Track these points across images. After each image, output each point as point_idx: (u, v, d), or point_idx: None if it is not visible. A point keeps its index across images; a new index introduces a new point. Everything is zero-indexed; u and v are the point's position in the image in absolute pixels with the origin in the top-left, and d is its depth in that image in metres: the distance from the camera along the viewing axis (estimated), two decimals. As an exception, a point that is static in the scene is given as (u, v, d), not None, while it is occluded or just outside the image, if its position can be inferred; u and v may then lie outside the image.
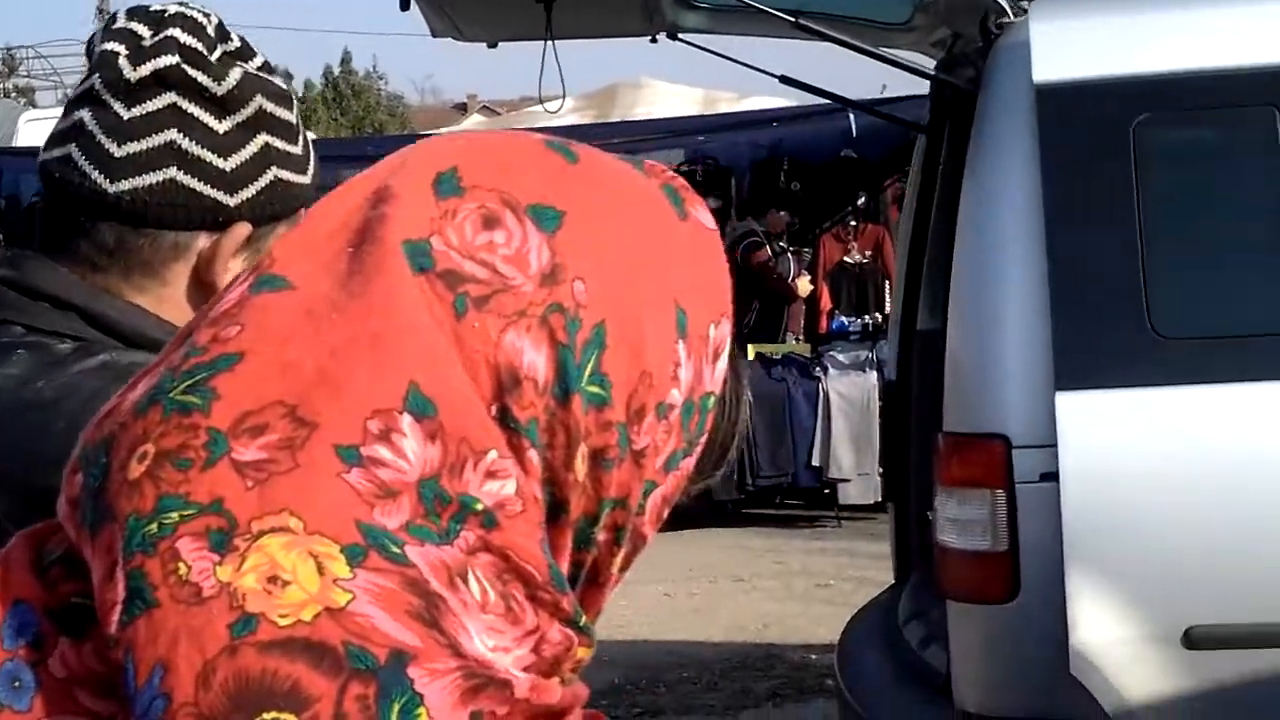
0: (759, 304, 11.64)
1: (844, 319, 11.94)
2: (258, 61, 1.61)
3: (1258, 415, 3.77)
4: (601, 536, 0.84)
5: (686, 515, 10.30)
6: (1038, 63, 3.84)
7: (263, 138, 1.57)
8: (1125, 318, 3.79)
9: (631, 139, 12.88)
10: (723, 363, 0.88)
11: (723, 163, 12.69)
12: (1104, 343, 3.81)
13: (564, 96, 5.49)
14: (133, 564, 0.74)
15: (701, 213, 0.90)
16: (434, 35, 5.54)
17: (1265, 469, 3.75)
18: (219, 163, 1.54)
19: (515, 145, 0.86)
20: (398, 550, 0.74)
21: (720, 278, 0.89)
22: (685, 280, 0.86)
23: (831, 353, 10.61)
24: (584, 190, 0.84)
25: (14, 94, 36.48)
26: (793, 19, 4.40)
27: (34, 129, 16.34)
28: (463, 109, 47.26)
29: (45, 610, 0.79)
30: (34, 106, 28.11)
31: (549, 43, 5.17)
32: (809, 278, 12.07)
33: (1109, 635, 3.71)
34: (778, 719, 6.60)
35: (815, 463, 10.26)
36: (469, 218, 0.81)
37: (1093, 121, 3.87)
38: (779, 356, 10.73)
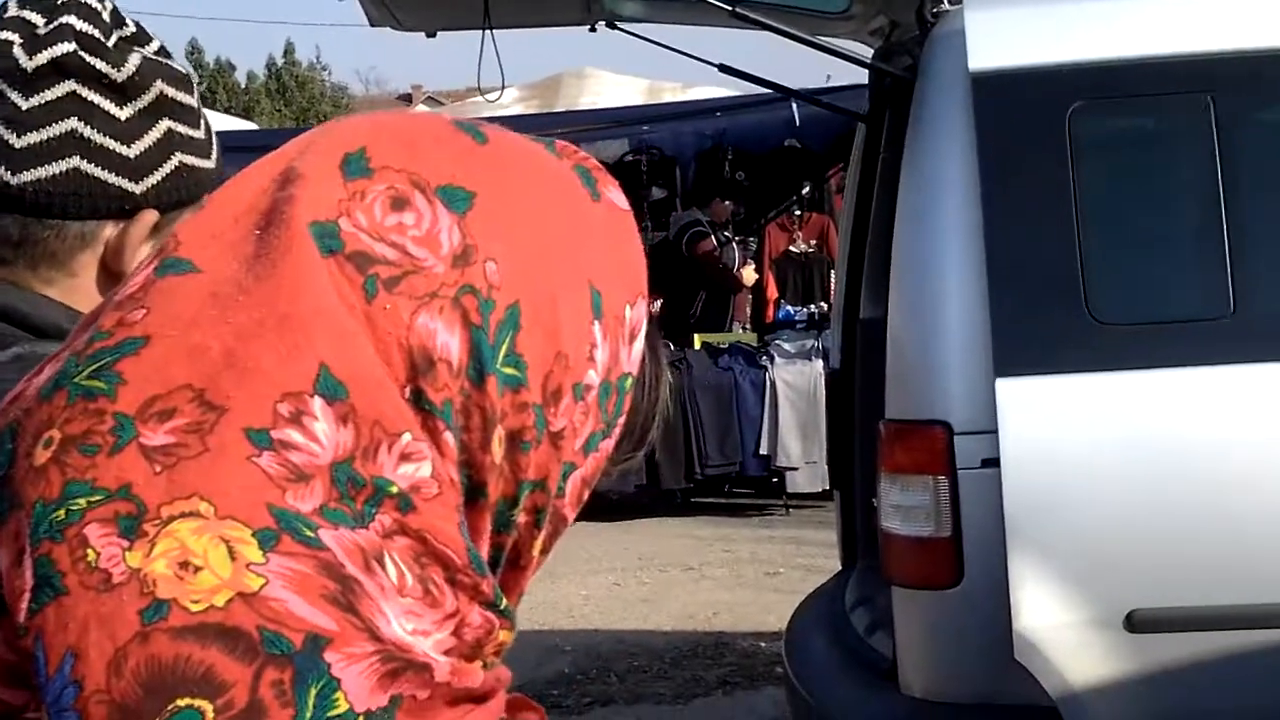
0: (705, 294, 11.66)
1: (790, 308, 11.97)
2: (154, 46, 1.58)
3: (1194, 399, 3.80)
4: (521, 519, 0.84)
5: (636, 505, 10.39)
6: (973, 51, 3.86)
7: (165, 123, 1.54)
8: (1063, 304, 3.81)
9: (576, 128, 12.86)
10: (639, 344, 0.88)
11: (667, 152, 12.69)
12: (1042, 329, 3.83)
13: (503, 86, 5.46)
14: (40, 551, 0.72)
15: (615, 194, 0.90)
16: (372, 24, 5.52)
17: (1204, 452, 3.79)
18: (123, 150, 1.51)
19: (423, 126, 0.85)
20: (311, 534, 0.73)
21: (635, 259, 0.89)
22: (600, 261, 0.86)
23: (777, 341, 10.63)
24: (494, 171, 0.83)
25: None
26: (730, 8, 4.40)
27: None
28: (407, 99, 47.06)
29: None
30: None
31: (488, 32, 5.16)
32: (754, 266, 12.09)
33: (1052, 620, 3.74)
34: (728, 707, 6.60)
35: (763, 451, 10.28)
36: (378, 199, 0.80)
37: (1028, 109, 3.89)
38: (725, 346, 10.74)
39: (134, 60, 1.52)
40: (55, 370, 0.78)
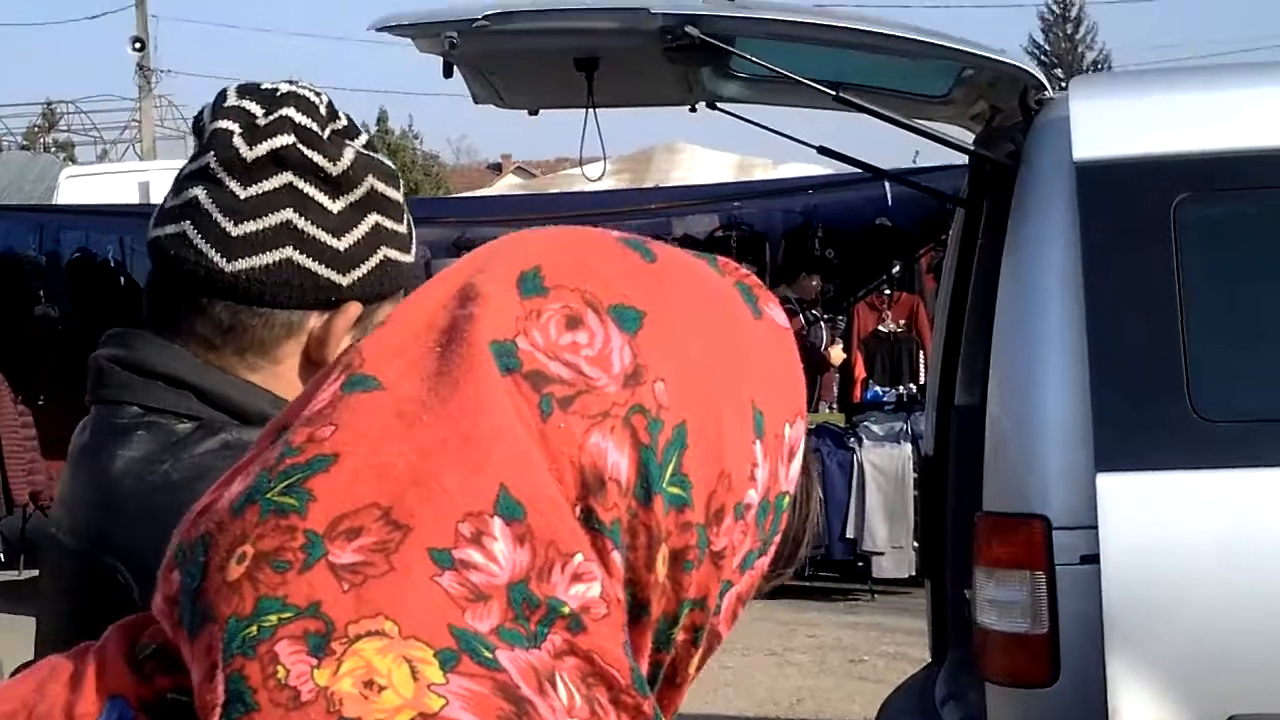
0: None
1: (878, 388, 11.89)
2: (363, 139, 1.61)
3: (1301, 500, 3.71)
4: (680, 637, 0.84)
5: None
6: (1078, 140, 3.82)
7: (374, 217, 1.58)
8: (1166, 398, 3.75)
9: (668, 204, 12.91)
10: (797, 462, 0.88)
11: (758, 229, 12.69)
12: (1144, 423, 3.77)
13: (604, 161, 5.48)
14: (233, 667, 0.74)
15: (775, 311, 0.90)
16: (476, 102, 5.54)
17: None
18: (333, 242, 1.55)
19: (595, 243, 0.86)
20: (489, 655, 0.74)
21: (794, 377, 0.89)
22: (761, 380, 0.86)
23: (866, 423, 10.54)
24: (662, 289, 0.84)
25: (54, 149, 36.87)
26: (834, 93, 4.39)
27: (74, 185, 16.48)
28: (497, 169, 47.55)
29: (140, 704, 0.80)
30: (73, 162, 28.39)
31: (590, 111, 5.17)
32: (842, 345, 12.03)
33: (1150, 721, 3.65)
34: (810, 796, 6.51)
35: (849, 535, 10.18)
36: (553, 318, 0.81)
37: (1133, 199, 3.85)
38: (813, 426, 10.67)
39: (349, 155, 1.56)
40: (246, 484, 0.79)
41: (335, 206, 1.55)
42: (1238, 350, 3.88)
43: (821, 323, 11.71)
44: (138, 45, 30.81)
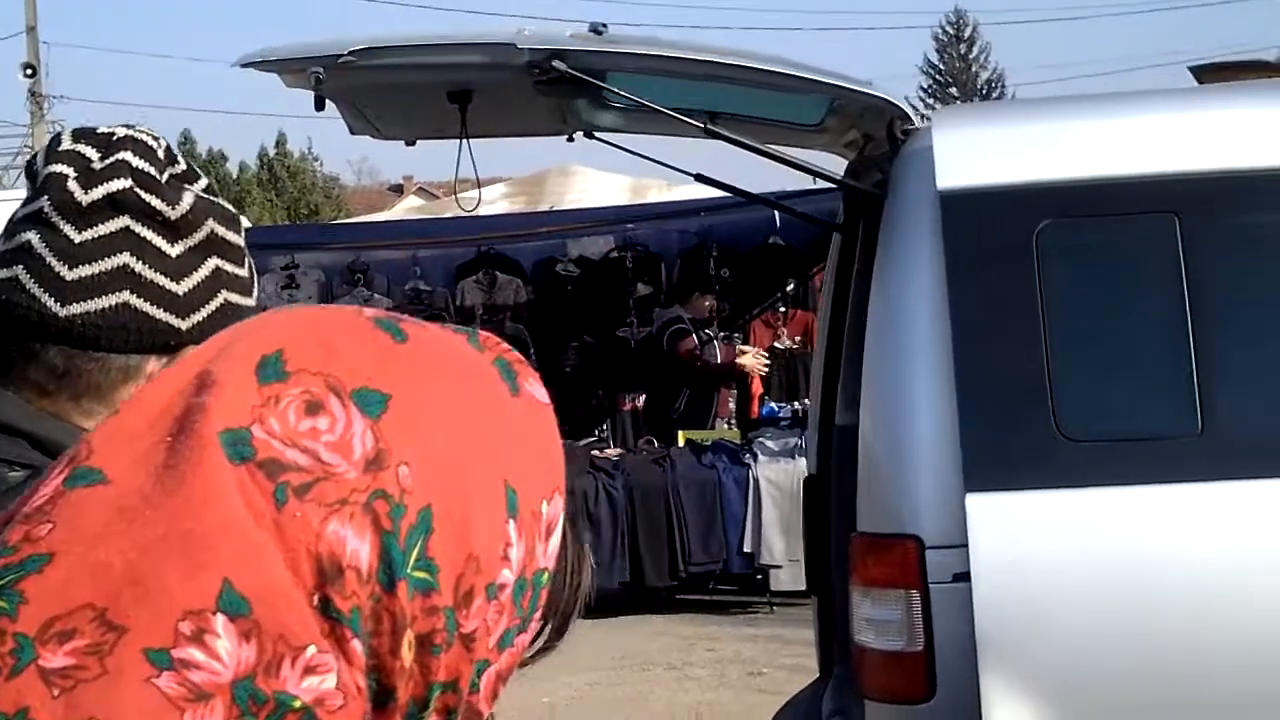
0: (688, 390, 11.66)
1: (774, 405, 11.97)
2: (203, 183, 1.60)
3: (1163, 517, 3.82)
4: None
5: (619, 602, 10.33)
6: (941, 169, 3.90)
7: (214, 261, 1.57)
8: (1031, 420, 3.84)
9: (562, 227, 12.98)
10: (555, 538, 0.88)
11: (653, 249, 12.76)
12: (1011, 444, 3.86)
13: (480, 194, 5.52)
14: None
15: (535, 387, 0.90)
16: (352, 133, 5.57)
17: (1172, 569, 3.80)
18: (172, 286, 1.53)
19: (343, 324, 0.86)
20: None
21: (553, 453, 0.89)
22: (516, 458, 0.85)
23: (761, 439, 10.63)
24: (411, 371, 0.83)
25: (-56, 176, 36.28)
26: (703, 125, 4.46)
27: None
28: (399, 190, 47.27)
29: None
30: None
31: (465, 141, 5.22)
32: (752, 350, 11.96)
33: (1024, 735, 3.73)
34: (708, 813, 6.56)
35: (747, 549, 10.26)
36: (293, 404, 0.79)
37: (997, 227, 3.94)
38: (709, 443, 10.75)
39: (188, 199, 1.55)
40: None
41: (174, 250, 1.54)
42: (1100, 373, 3.97)
43: (715, 341, 11.78)
44: (29, 71, 30.44)
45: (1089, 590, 3.79)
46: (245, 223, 1.72)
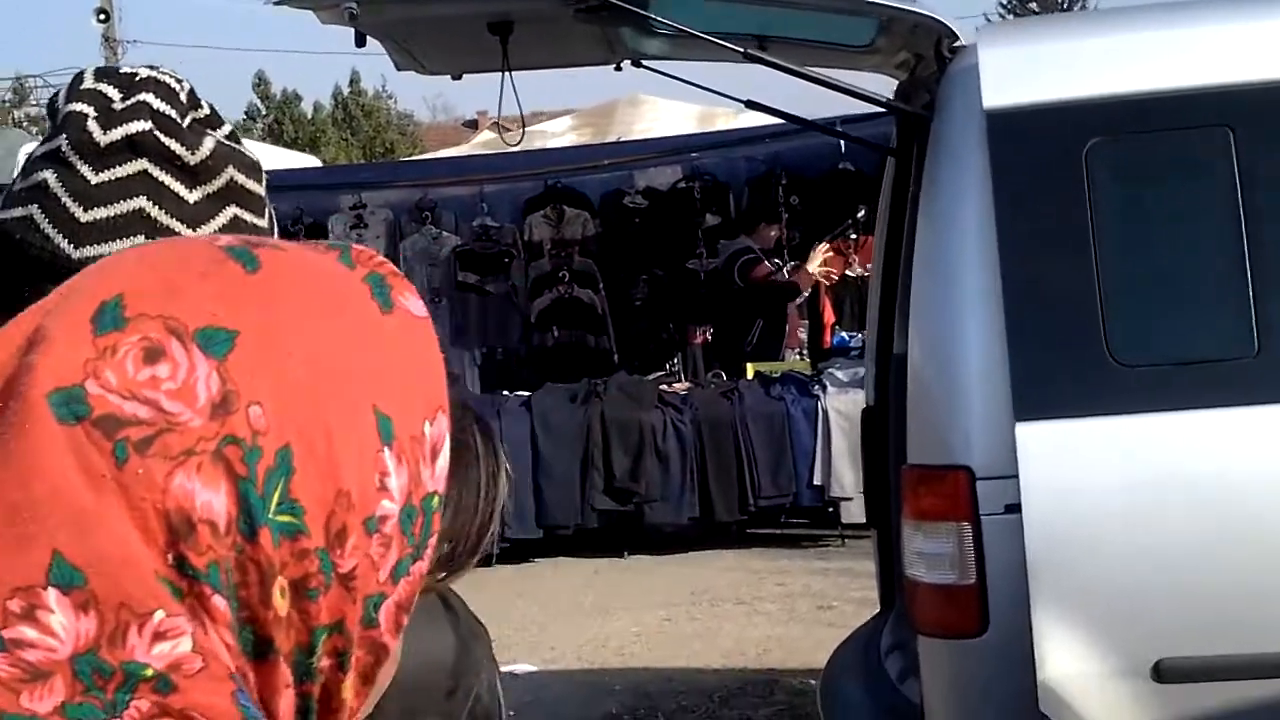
0: (760, 321, 11.56)
1: (844, 334, 11.86)
2: (226, 129, 1.56)
3: (1217, 442, 3.70)
4: (324, 663, 0.79)
5: (689, 538, 10.30)
6: (987, 88, 3.79)
7: (232, 210, 1.53)
8: (1082, 345, 3.72)
9: (629, 158, 12.86)
10: (444, 460, 0.83)
11: (720, 179, 12.64)
12: (1061, 371, 3.75)
13: (523, 135, 5.43)
14: None
15: (410, 301, 0.84)
16: (398, 69, 5.51)
17: (1228, 495, 3.69)
18: (187, 234, 1.49)
19: (188, 259, 0.80)
20: None
21: (432, 370, 0.83)
22: (388, 382, 0.80)
23: (830, 370, 10.52)
24: (263, 302, 0.78)
25: (25, 124, 36.67)
26: (743, 50, 4.35)
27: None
28: (474, 126, 47.28)
29: None
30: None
31: (508, 74, 5.14)
32: (819, 260, 11.77)
33: (1077, 670, 3.65)
34: (773, 748, 6.52)
35: (817, 481, 10.18)
36: (130, 353, 0.75)
37: (1045, 145, 3.81)
38: (778, 375, 10.65)
39: (208, 144, 1.51)
40: None
41: (192, 196, 1.50)
42: (1153, 295, 3.85)
43: (785, 270, 11.66)
44: (102, 17, 30.61)
45: (1143, 520, 3.68)
46: (315, 161, 1.65)
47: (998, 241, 3.76)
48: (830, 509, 10.34)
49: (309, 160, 18.16)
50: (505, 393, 11.20)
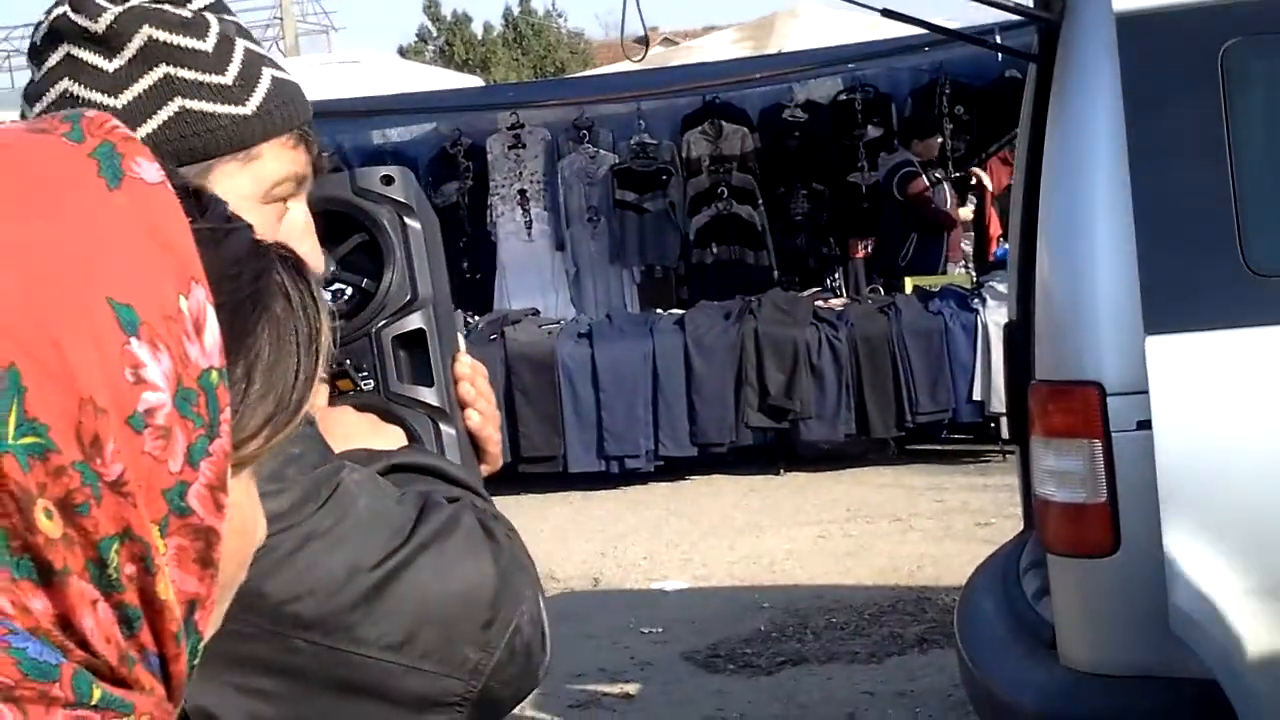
0: (916, 236, 11.41)
1: (1008, 246, 11.64)
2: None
3: (1357, 355, 3.55)
4: (128, 570, 0.75)
5: (846, 454, 10.22)
6: (1118, -10, 3.65)
7: (162, 69, 1.51)
8: (1217, 255, 3.59)
9: (787, 70, 12.67)
10: (211, 332, 0.78)
11: (882, 89, 12.45)
12: (1195, 282, 3.63)
13: (646, 46, 5.36)
14: None
15: (145, 168, 0.79)
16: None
17: (1370, 411, 3.54)
18: (109, 101, 1.50)
19: None
20: None
21: (175, 240, 0.78)
22: (121, 267, 0.75)
23: (990, 283, 10.33)
24: None
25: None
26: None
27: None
28: (645, 42, 47.00)
29: None
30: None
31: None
32: (972, 205, 11.75)
33: (1210, 590, 3.54)
34: (922, 667, 6.46)
35: (977, 396, 10.02)
36: None
37: (1178, 49, 3.67)
38: (936, 289, 10.49)
39: (111, 11, 1.51)
40: None
41: (110, 65, 1.51)
42: (1292, 202, 3.70)
43: (943, 184, 11.47)
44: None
45: (1278, 435, 3.55)
46: (479, 83, 1.62)
47: (1128, 149, 3.64)
48: (991, 424, 10.18)
49: (473, 81, 18.20)
50: (659, 310, 11.19)
